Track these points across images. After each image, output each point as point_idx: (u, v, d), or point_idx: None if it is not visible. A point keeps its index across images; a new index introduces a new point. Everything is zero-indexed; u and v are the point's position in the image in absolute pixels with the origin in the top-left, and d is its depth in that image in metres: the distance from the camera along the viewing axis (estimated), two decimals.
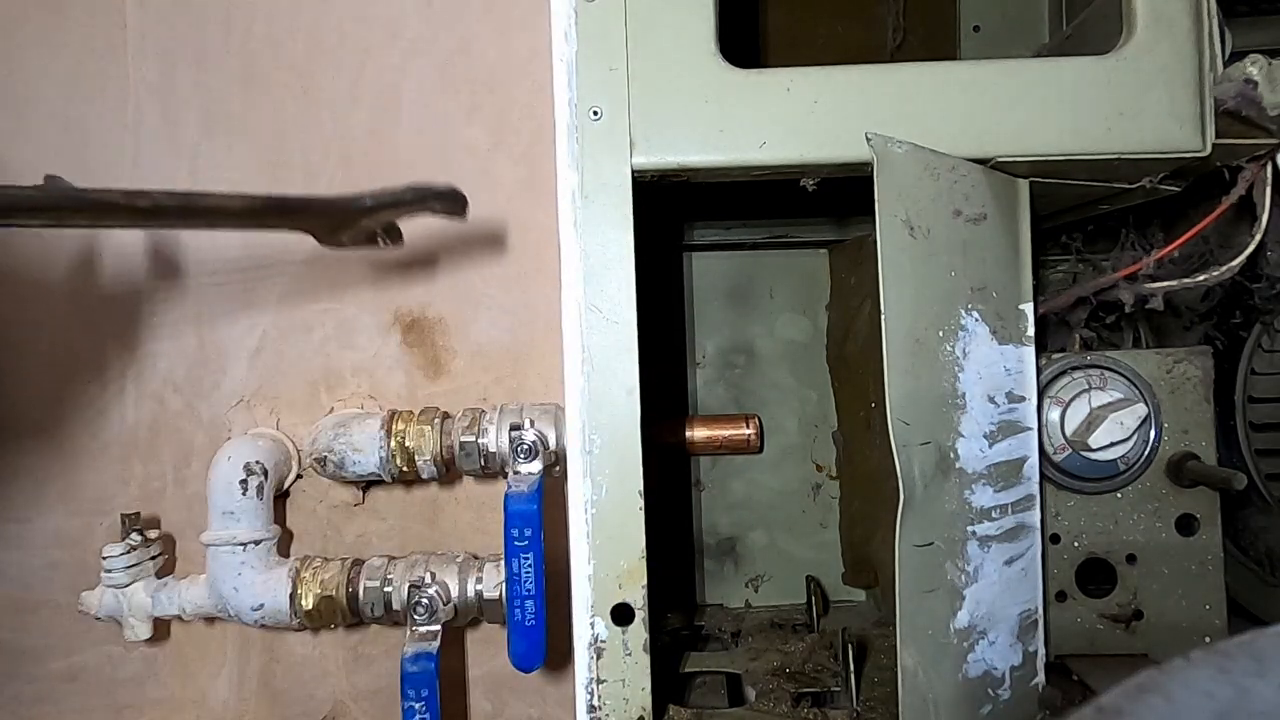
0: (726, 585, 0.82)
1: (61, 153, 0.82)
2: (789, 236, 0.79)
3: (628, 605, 0.50)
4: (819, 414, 0.82)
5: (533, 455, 0.68)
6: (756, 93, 0.50)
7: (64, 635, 0.88)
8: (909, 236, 0.49)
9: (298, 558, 0.77)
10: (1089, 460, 0.62)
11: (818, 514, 0.82)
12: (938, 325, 0.51)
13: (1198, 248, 0.64)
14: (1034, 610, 0.56)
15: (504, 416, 0.71)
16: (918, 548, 0.49)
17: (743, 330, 0.83)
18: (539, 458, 0.68)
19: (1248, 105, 0.48)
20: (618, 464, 0.50)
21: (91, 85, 0.82)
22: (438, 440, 0.72)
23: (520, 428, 0.69)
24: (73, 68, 0.82)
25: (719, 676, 0.65)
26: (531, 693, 0.88)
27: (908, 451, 0.48)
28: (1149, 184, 0.55)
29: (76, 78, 0.82)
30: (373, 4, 0.83)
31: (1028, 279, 0.56)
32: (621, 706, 0.51)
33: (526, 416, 0.70)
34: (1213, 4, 0.49)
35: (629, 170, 0.50)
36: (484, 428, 0.71)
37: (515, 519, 0.64)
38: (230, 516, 0.74)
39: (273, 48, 0.83)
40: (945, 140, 0.50)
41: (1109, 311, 0.67)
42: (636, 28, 0.49)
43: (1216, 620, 0.63)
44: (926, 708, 0.49)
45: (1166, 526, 0.63)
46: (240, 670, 0.90)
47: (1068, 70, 0.50)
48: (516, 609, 0.65)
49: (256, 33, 0.83)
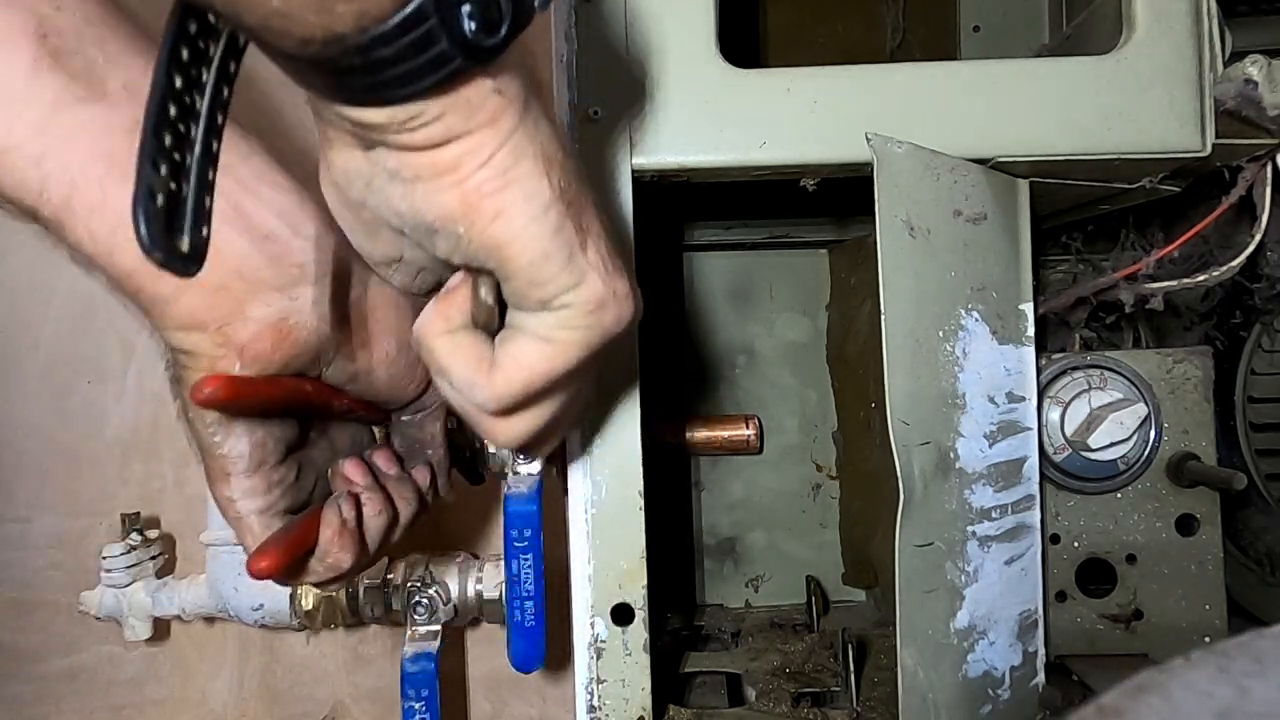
0: (726, 585, 0.82)
1: None
2: (789, 236, 0.78)
3: (628, 605, 0.50)
4: (819, 414, 0.82)
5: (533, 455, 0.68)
6: (756, 93, 0.50)
7: (64, 635, 0.88)
8: (909, 236, 0.49)
9: None
10: (1089, 460, 0.62)
11: (818, 514, 0.82)
12: (938, 325, 0.51)
13: (1198, 248, 0.64)
14: (1034, 610, 0.56)
15: None
16: (918, 548, 0.49)
17: (743, 330, 0.83)
18: (539, 459, 0.68)
19: (1248, 105, 0.48)
20: (618, 464, 0.50)
21: None
22: None
23: None
24: None
25: (719, 676, 0.65)
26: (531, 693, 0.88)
27: (908, 451, 0.48)
28: (1149, 184, 0.55)
29: None
30: None
31: (1028, 279, 0.56)
32: (621, 706, 0.51)
33: None
34: (1213, 4, 0.49)
35: (629, 170, 0.50)
36: None
37: (515, 520, 0.64)
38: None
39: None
40: (945, 140, 0.50)
41: (1109, 311, 0.67)
42: (636, 28, 0.49)
43: (1216, 620, 0.63)
44: (926, 708, 0.49)
45: (1166, 526, 0.63)
46: (240, 670, 0.90)
47: (1068, 70, 0.50)
48: (516, 609, 0.65)
49: None
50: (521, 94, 0.31)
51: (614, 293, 0.34)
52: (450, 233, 0.32)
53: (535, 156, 0.31)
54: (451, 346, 0.36)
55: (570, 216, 0.33)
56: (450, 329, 0.36)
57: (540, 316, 0.34)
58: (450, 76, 0.28)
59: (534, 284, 0.33)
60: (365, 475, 0.45)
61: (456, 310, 0.36)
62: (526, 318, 0.35)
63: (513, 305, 0.35)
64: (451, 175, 0.30)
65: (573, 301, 0.33)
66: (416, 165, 0.30)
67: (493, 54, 0.28)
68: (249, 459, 0.40)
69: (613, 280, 0.34)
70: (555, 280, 0.33)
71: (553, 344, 0.34)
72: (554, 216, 0.32)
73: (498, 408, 0.36)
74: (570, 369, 0.35)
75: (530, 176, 0.31)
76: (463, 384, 0.35)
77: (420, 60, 0.27)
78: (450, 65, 0.27)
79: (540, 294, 0.33)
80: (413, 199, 0.31)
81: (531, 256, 0.32)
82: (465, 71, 0.28)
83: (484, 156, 0.30)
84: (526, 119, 0.31)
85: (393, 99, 0.28)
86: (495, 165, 0.30)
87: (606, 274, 0.34)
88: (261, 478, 0.40)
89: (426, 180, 0.31)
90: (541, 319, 0.34)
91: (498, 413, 0.36)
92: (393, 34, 0.26)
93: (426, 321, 0.36)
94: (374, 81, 0.27)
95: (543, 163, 0.31)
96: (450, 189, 0.31)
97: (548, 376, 0.35)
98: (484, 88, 0.29)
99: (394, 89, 0.28)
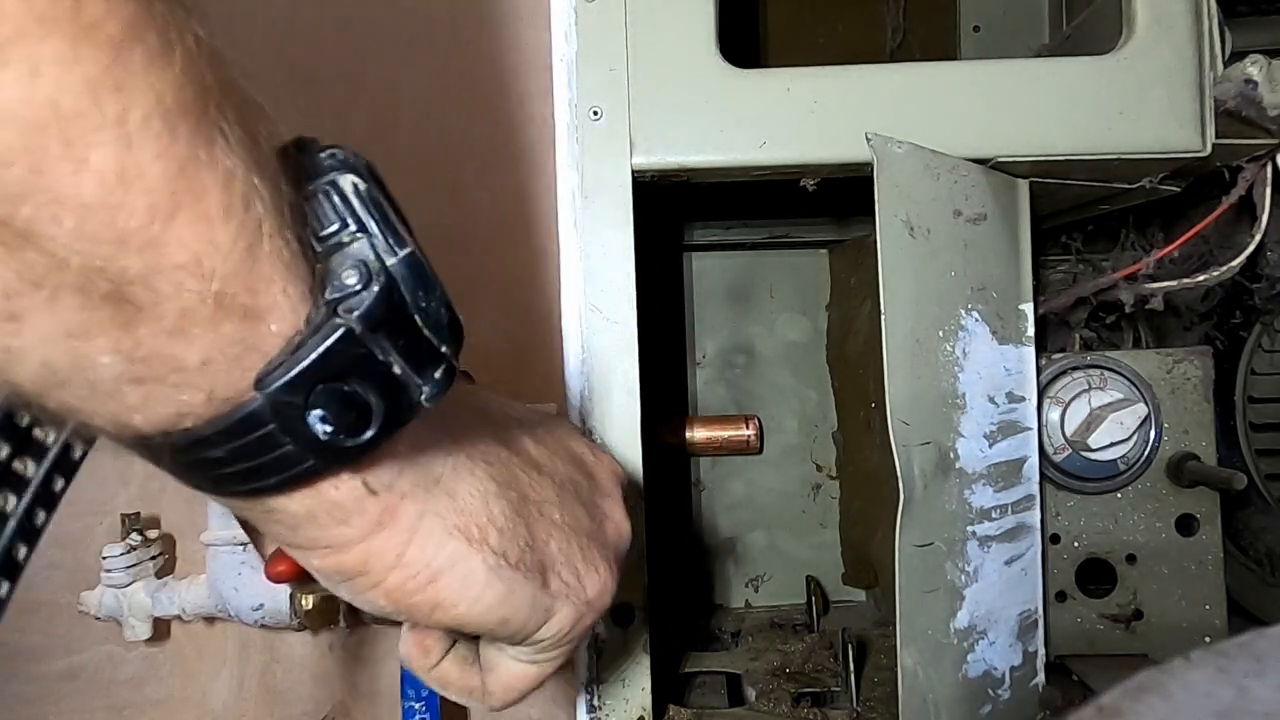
0: (726, 585, 0.82)
1: None
2: (789, 236, 0.78)
3: (628, 605, 0.50)
4: (819, 414, 0.82)
5: None
6: (756, 93, 0.50)
7: (64, 635, 0.88)
8: (909, 236, 0.49)
9: None
10: (1089, 460, 0.62)
11: (818, 514, 0.82)
12: (938, 325, 0.51)
13: (1198, 248, 0.64)
14: (1034, 610, 0.56)
15: None
16: (918, 548, 0.49)
17: (743, 330, 0.83)
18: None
19: (1248, 105, 0.48)
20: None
21: None
22: None
23: None
24: None
25: (719, 676, 0.65)
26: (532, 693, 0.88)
27: (908, 451, 0.48)
28: (1149, 184, 0.55)
29: None
30: (373, 4, 0.83)
31: (1028, 279, 0.56)
32: (621, 706, 0.51)
33: None
34: (1213, 4, 0.49)
35: (629, 170, 0.49)
36: None
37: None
38: (230, 516, 0.74)
39: (273, 48, 0.83)
40: (945, 140, 0.50)
41: (1109, 311, 0.67)
42: (636, 28, 0.49)
43: (1216, 620, 0.63)
44: (926, 708, 0.49)
45: (1166, 526, 0.63)
46: (240, 670, 0.90)
47: (1068, 70, 0.50)
48: None
49: (257, 32, 0.83)
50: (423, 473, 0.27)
51: (588, 603, 0.33)
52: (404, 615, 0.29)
53: (456, 534, 0.28)
54: (439, 676, 0.36)
55: (520, 569, 0.30)
56: (429, 661, 0.36)
57: (518, 649, 0.34)
58: (301, 478, 0.24)
59: (501, 637, 0.32)
60: None
61: (432, 643, 0.36)
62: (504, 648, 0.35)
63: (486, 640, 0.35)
64: (365, 578, 0.27)
65: (545, 636, 0.32)
66: (324, 569, 0.27)
67: (359, 454, 0.24)
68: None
69: (583, 592, 0.33)
70: (523, 628, 0.31)
71: (537, 665, 0.35)
72: (500, 585, 0.29)
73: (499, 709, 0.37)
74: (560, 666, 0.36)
75: (458, 560, 0.28)
76: (464, 701, 0.36)
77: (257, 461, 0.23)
78: (299, 467, 0.24)
79: (511, 639, 0.33)
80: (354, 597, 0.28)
81: (489, 624, 0.30)
82: (321, 473, 0.24)
83: (390, 559, 0.27)
84: (433, 500, 0.28)
85: (236, 494, 0.24)
86: (410, 564, 0.27)
87: (575, 592, 0.32)
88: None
89: (345, 584, 0.28)
90: (520, 649, 0.34)
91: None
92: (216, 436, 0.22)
93: (409, 654, 0.36)
94: (212, 476, 0.24)
95: (471, 535, 0.28)
96: (372, 591, 0.27)
97: (539, 682, 0.36)
98: (355, 490, 0.26)
99: (233, 485, 0.24)
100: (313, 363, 0.22)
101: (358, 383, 0.23)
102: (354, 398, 0.23)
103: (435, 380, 0.25)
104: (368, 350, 0.23)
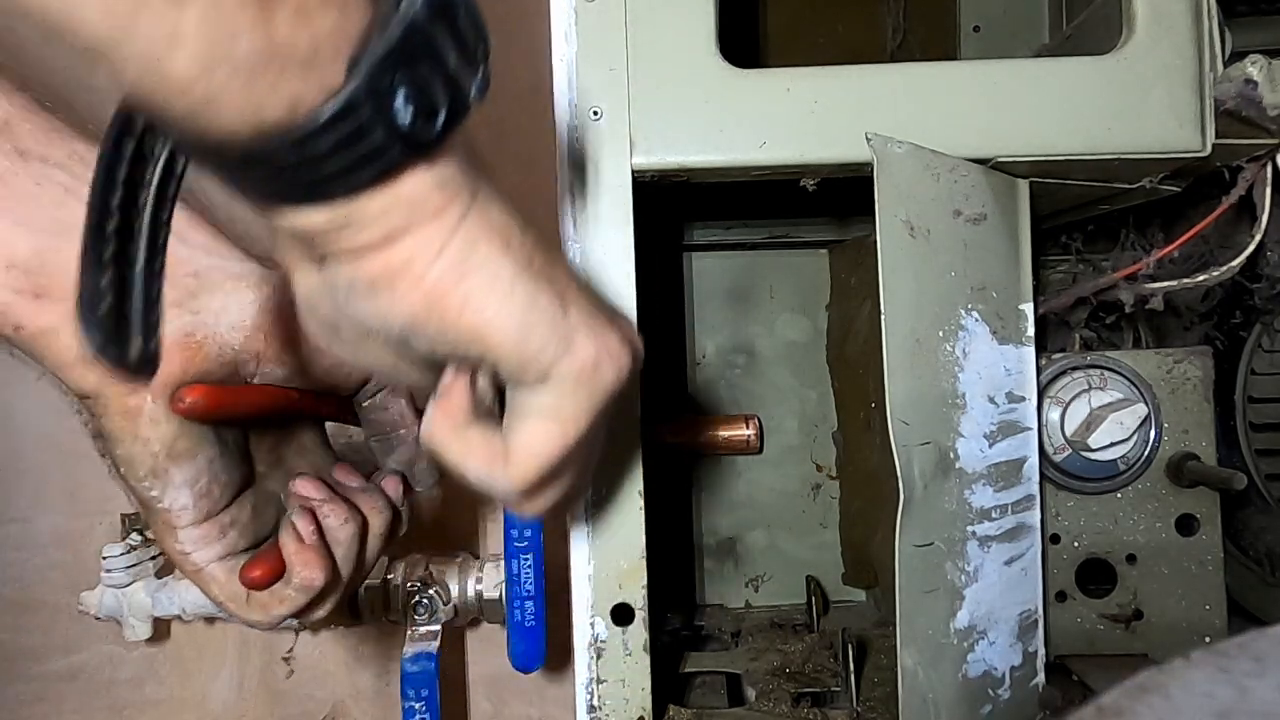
0: (726, 585, 0.82)
1: None
2: (789, 236, 0.79)
3: (628, 605, 0.50)
4: (819, 414, 0.82)
5: None
6: (756, 93, 0.50)
7: (64, 635, 0.88)
8: (909, 236, 0.49)
9: None
10: (1089, 460, 0.62)
11: (818, 514, 0.82)
12: (938, 325, 0.51)
13: (1198, 248, 0.64)
14: (1034, 610, 0.56)
15: None
16: (918, 548, 0.49)
17: (743, 330, 0.83)
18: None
19: (1248, 105, 0.48)
20: (618, 464, 0.50)
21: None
22: None
23: None
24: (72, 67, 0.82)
25: (719, 676, 0.65)
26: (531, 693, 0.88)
27: (908, 451, 0.48)
28: (1149, 184, 0.55)
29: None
30: None
31: (1028, 279, 0.56)
32: (621, 706, 0.51)
33: None
34: (1213, 4, 0.49)
35: (629, 170, 0.50)
36: None
37: (515, 519, 0.65)
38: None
39: None
40: (945, 140, 0.50)
41: (1109, 311, 0.67)
42: (636, 28, 0.49)
43: (1216, 620, 0.63)
44: (926, 708, 0.49)
45: (1166, 526, 0.63)
46: (240, 670, 0.90)
47: (1068, 70, 0.50)
48: (516, 609, 0.65)
49: None
50: (468, 182, 0.30)
51: (607, 349, 0.34)
52: (424, 334, 0.31)
53: (490, 239, 0.30)
54: (463, 447, 0.35)
55: (543, 285, 0.32)
56: (456, 428, 0.35)
57: (538, 394, 0.34)
58: (389, 169, 0.27)
59: (523, 362, 0.32)
60: (320, 489, 0.43)
61: (457, 408, 0.35)
62: (526, 398, 0.34)
63: (510, 386, 0.35)
64: (407, 276, 0.30)
65: (566, 371, 0.33)
66: (370, 273, 0.30)
67: (431, 146, 0.27)
68: (194, 509, 0.38)
69: (602, 336, 0.34)
70: (544, 351, 0.32)
71: (558, 421, 0.34)
72: (524, 289, 0.31)
73: (520, 491, 0.35)
74: (581, 437, 0.35)
75: (490, 259, 0.30)
76: (482, 479, 0.35)
77: (356, 153, 0.26)
78: (387, 156, 0.26)
79: (533, 370, 0.33)
80: (377, 308, 0.30)
81: (512, 335, 0.31)
82: (404, 164, 0.27)
83: (435, 250, 0.29)
84: (475, 205, 0.30)
85: (330, 195, 0.27)
86: (450, 257, 0.30)
87: (595, 332, 0.33)
88: (212, 524, 0.39)
89: (384, 287, 0.30)
90: (540, 397, 0.34)
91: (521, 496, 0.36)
92: (326, 125, 0.25)
93: (433, 425, 0.36)
94: (310, 179, 0.26)
95: (499, 242, 0.31)
96: (410, 291, 0.30)
97: (561, 454, 0.35)
98: (425, 182, 0.28)
99: (331, 185, 0.26)
100: (395, 42, 0.25)
101: (426, 71, 0.26)
102: (424, 87, 0.26)
103: (478, 81, 0.28)
104: (432, 37, 0.26)
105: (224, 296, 0.38)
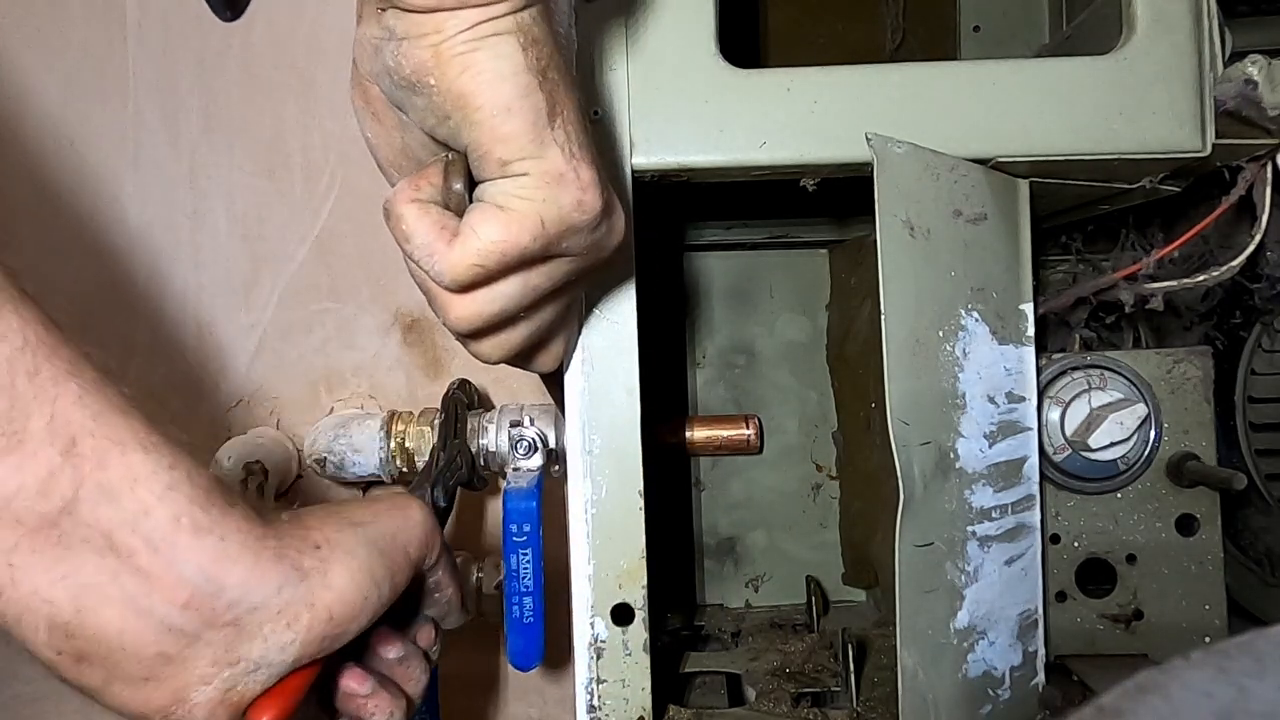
0: (726, 585, 0.82)
1: (60, 152, 0.82)
2: (789, 236, 0.79)
3: (628, 605, 0.50)
4: (819, 414, 0.82)
5: (532, 451, 0.68)
6: (756, 93, 0.50)
7: None
8: (909, 236, 0.49)
9: None
10: (1089, 460, 0.62)
11: (818, 514, 0.82)
12: (938, 325, 0.51)
13: (1198, 248, 0.64)
14: (1034, 610, 0.56)
15: (504, 416, 0.71)
16: (918, 548, 0.49)
17: (743, 330, 0.83)
18: (539, 454, 0.68)
19: (1248, 105, 0.48)
20: (618, 464, 0.50)
21: (91, 85, 0.82)
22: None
23: (520, 424, 0.69)
24: (72, 67, 0.82)
25: (719, 676, 0.65)
26: (531, 693, 0.88)
27: (908, 451, 0.48)
28: (1149, 184, 0.55)
29: (76, 77, 0.82)
30: None
31: (1028, 279, 0.56)
32: (621, 706, 0.51)
33: (526, 415, 0.70)
34: (1213, 4, 0.49)
35: (629, 170, 0.50)
36: (484, 427, 0.71)
37: (514, 514, 0.64)
38: None
39: (273, 48, 0.83)
40: (945, 140, 0.50)
41: (1109, 311, 0.67)
42: (636, 28, 0.49)
43: (1216, 620, 0.63)
44: (926, 708, 0.49)
45: (1166, 526, 0.63)
46: None
47: (1068, 70, 0.50)
48: (515, 606, 0.65)
49: (256, 32, 0.83)
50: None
51: (576, 174, 0.35)
52: (424, 86, 0.34)
53: (518, 34, 0.33)
54: (418, 213, 0.36)
55: (543, 91, 0.34)
56: (418, 199, 0.37)
57: (499, 184, 0.35)
58: None
59: (495, 139, 0.34)
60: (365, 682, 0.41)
61: (427, 183, 0.37)
62: (487, 187, 0.36)
63: (477, 175, 0.36)
64: (434, 34, 0.33)
65: (532, 170, 0.35)
66: (409, 22, 0.33)
67: None
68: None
69: (576, 162, 0.35)
70: (516, 139, 0.34)
71: (508, 211, 0.35)
72: (523, 81, 0.34)
73: (454, 278, 0.36)
74: (527, 247, 0.35)
75: (506, 44, 0.33)
76: (422, 251, 0.36)
77: None
78: None
79: (501, 152, 0.34)
80: (398, 54, 0.34)
81: (494, 108, 0.33)
82: None
83: (467, 23, 0.33)
84: (522, 10, 0.33)
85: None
86: (476, 31, 0.33)
87: (571, 155, 0.35)
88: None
89: (413, 37, 0.33)
90: (500, 185, 0.35)
91: (455, 288, 0.37)
92: None
93: (397, 191, 0.37)
94: None
95: (524, 40, 0.33)
96: (428, 46, 0.33)
97: (504, 249, 0.35)
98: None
99: None
100: None
101: None
102: None
103: None
104: None
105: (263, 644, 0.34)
